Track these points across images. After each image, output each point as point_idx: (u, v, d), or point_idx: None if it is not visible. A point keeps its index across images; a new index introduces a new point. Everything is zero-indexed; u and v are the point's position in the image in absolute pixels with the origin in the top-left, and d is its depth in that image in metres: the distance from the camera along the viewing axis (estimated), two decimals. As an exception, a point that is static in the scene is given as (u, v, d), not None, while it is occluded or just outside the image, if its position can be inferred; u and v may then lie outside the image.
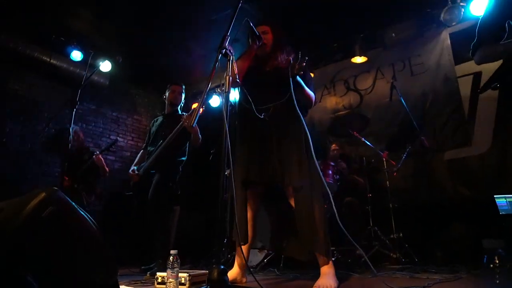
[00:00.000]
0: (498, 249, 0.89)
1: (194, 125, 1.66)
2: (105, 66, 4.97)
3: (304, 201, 2.09)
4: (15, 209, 1.35)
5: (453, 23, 4.17)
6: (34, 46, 4.56)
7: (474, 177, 3.96)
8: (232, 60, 1.68)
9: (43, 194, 1.39)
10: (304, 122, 2.18)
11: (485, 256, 0.90)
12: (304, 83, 2.27)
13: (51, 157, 4.76)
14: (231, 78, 1.69)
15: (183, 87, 3.64)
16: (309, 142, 2.16)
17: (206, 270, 2.31)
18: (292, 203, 2.13)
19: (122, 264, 3.74)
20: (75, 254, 1.34)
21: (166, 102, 3.61)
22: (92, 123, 5.50)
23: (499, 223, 3.12)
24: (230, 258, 3.32)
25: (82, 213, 1.50)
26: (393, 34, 4.42)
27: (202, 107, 1.56)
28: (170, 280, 1.72)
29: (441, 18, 4.12)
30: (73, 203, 1.49)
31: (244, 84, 2.16)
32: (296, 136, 2.20)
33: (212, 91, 6.41)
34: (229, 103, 1.69)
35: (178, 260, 1.76)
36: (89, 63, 4.91)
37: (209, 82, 1.61)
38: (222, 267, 1.42)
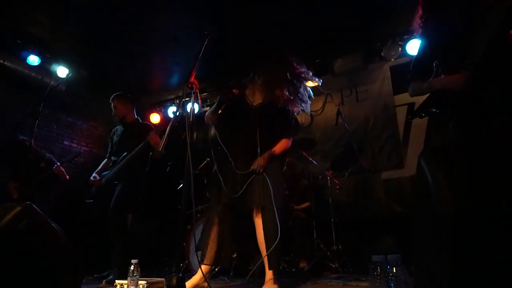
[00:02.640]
0: (381, 261, 1.22)
1: (161, 150, 1.86)
2: (62, 72, 4.96)
3: (269, 222, 2.36)
4: (-9, 221, 1.47)
5: (393, 58, 4.73)
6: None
7: (406, 195, 4.47)
8: (197, 94, 1.92)
9: (18, 208, 1.53)
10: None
11: (372, 266, 1.23)
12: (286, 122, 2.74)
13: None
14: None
15: (119, 99, 3.65)
16: (280, 173, 2.56)
17: (161, 278, 2.50)
18: (258, 222, 2.40)
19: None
20: (48, 262, 1.49)
21: None
22: (45, 127, 5.37)
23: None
24: (183, 267, 3.49)
25: (53, 225, 1.64)
26: (342, 64, 4.89)
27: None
28: (131, 287, 1.88)
29: (383, 53, 4.67)
30: (45, 216, 1.64)
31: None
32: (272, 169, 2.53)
33: (171, 101, 6.55)
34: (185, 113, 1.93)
35: (138, 269, 1.93)
36: (49, 70, 4.89)
37: (173, 123, 1.83)
38: (180, 274, 1.63)
